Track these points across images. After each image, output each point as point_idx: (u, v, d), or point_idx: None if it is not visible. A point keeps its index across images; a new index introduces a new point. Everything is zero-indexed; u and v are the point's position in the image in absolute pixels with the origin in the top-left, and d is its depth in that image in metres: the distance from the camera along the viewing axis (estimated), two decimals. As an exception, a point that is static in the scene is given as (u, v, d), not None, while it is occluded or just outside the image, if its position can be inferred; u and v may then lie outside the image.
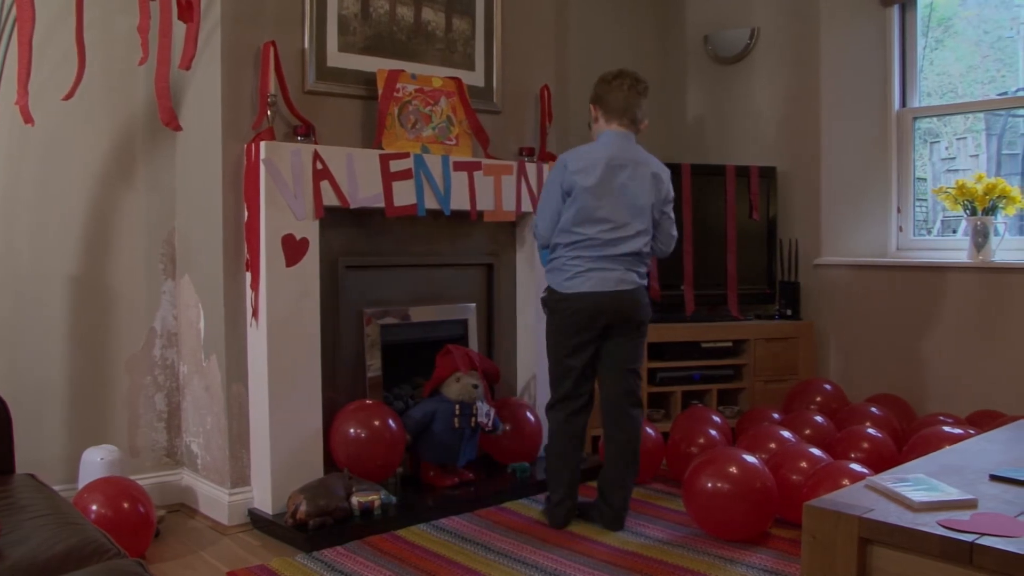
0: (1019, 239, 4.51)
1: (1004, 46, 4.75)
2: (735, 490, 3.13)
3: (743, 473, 3.16)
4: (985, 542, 1.76)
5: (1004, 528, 1.84)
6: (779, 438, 3.62)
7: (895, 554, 1.89)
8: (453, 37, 4.04)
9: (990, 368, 4.34)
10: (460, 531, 3.33)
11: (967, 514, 1.93)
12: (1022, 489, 2.14)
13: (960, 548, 1.78)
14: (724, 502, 3.14)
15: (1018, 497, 2.07)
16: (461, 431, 3.61)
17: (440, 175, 3.77)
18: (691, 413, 4.19)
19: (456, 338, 4.00)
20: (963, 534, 1.80)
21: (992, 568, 1.73)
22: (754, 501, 3.13)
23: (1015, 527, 1.85)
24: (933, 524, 1.87)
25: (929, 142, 5.02)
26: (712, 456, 3.28)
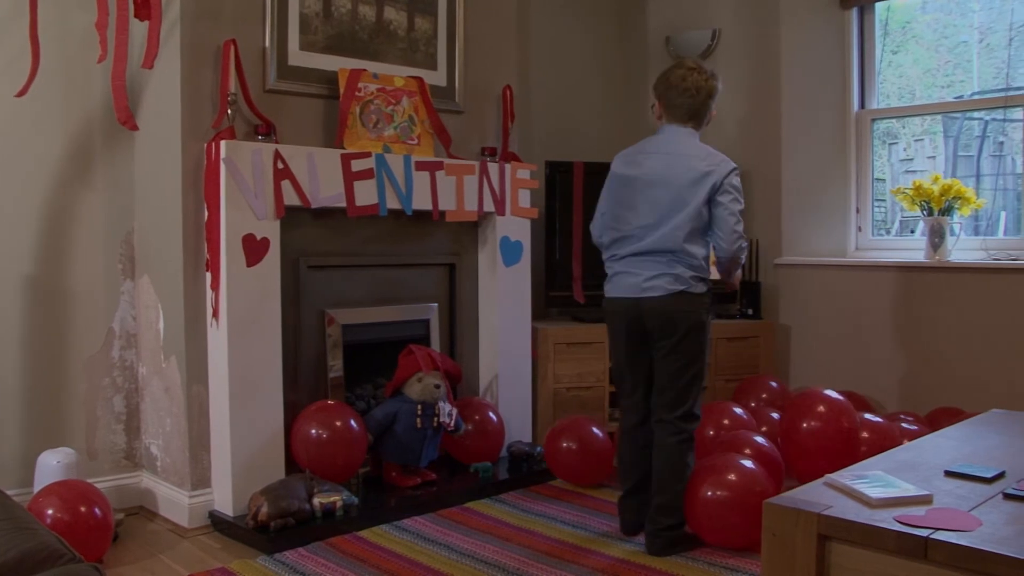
0: (974, 239, 4.58)
1: (961, 51, 4.83)
2: (735, 498, 3.06)
3: (743, 480, 3.09)
4: (939, 537, 1.79)
5: (958, 523, 1.87)
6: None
7: (853, 550, 1.92)
8: (415, 36, 4.03)
9: (948, 366, 4.41)
10: (422, 531, 3.33)
11: (923, 510, 1.97)
12: (976, 484, 2.18)
13: (915, 543, 1.81)
14: (723, 511, 3.06)
15: (972, 492, 2.11)
16: (423, 431, 3.61)
17: (402, 175, 3.76)
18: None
19: (418, 338, 3.99)
20: (918, 529, 1.83)
21: (946, 562, 1.77)
22: (754, 508, 3.00)
23: (968, 521, 1.88)
24: (890, 520, 1.89)
25: (888, 143, 5.08)
26: (711, 464, 3.20)
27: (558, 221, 4.71)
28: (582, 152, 5.04)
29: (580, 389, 4.46)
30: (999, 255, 4.38)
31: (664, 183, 3.12)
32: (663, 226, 3.09)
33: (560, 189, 4.70)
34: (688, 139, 3.20)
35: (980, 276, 4.33)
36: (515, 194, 4.16)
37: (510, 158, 4.26)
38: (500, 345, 4.18)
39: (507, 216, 4.15)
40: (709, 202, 3.10)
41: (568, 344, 4.42)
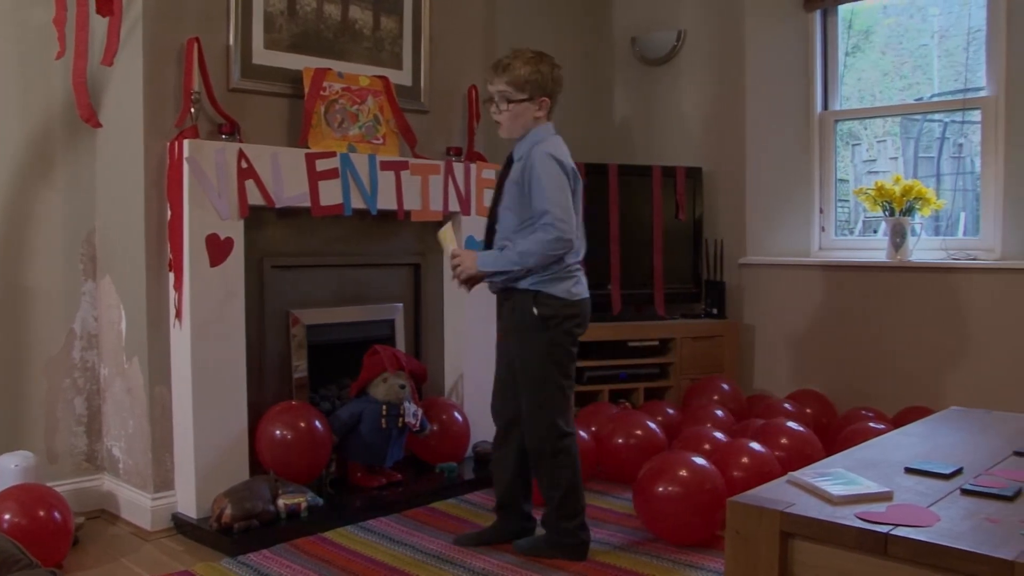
0: (935, 239, 4.65)
1: (921, 54, 4.89)
2: (686, 493, 3.09)
3: (694, 476, 3.13)
4: (899, 532, 1.82)
5: (917, 519, 1.90)
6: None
7: (815, 547, 1.94)
8: (381, 36, 4.02)
9: (910, 364, 4.47)
10: (388, 532, 3.32)
11: (883, 506, 1.99)
12: (935, 481, 2.22)
13: (876, 539, 1.83)
14: (676, 507, 3.10)
15: (931, 488, 2.15)
16: (388, 432, 3.60)
17: (367, 174, 3.74)
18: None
19: (383, 338, 3.97)
20: (878, 526, 1.86)
21: (905, 557, 1.79)
22: (706, 504, 3.10)
23: (927, 517, 1.91)
24: (851, 517, 1.92)
25: (851, 144, 5.14)
26: (663, 461, 3.24)
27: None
28: (548, 152, 5.03)
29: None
30: (958, 255, 4.45)
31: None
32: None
33: (526, 189, 4.69)
34: None
35: (940, 275, 4.40)
36: (480, 194, 4.15)
37: (475, 158, 4.26)
38: (465, 345, 4.18)
39: (472, 216, 4.14)
40: None
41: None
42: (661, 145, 5.39)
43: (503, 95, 3.02)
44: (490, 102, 3.08)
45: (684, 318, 5.04)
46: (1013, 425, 2.89)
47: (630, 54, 5.51)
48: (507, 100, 3.02)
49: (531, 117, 3.03)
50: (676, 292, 5.06)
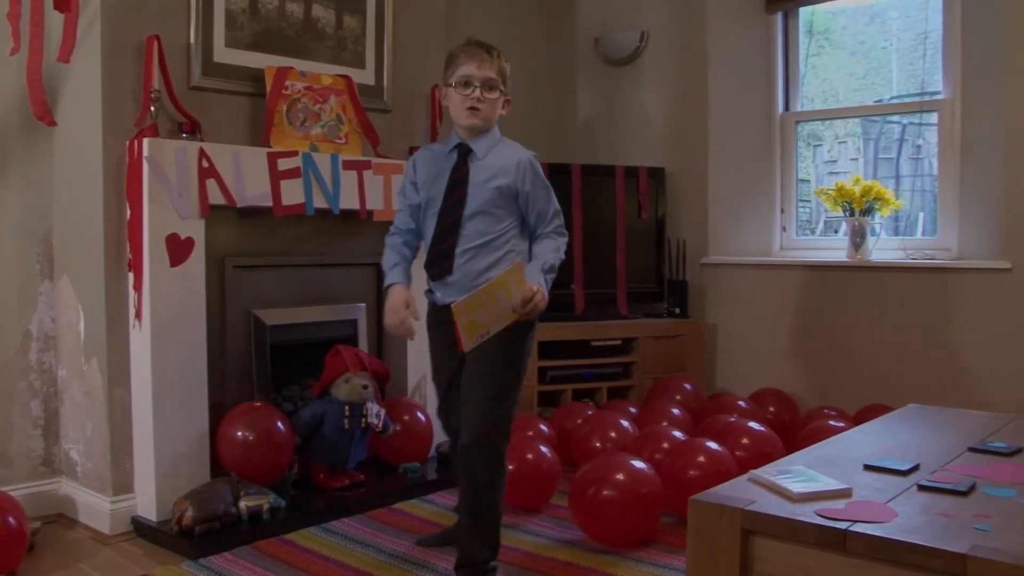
0: (894, 239, 4.71)
1: (880, 56, 4.96)
2: (623, 498, 3.10)
3: (631, 480, 3.14)
4: (857, 528, 1.84)
5: (875, 515, 1.93)
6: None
7: (776, 544, 1.96)
8: (343, 34, 4.00)
9: (871, 363, 4.53)
10: (351, 533, 3.30)
11: (842, 503, 2.01)
12: (892, 477, 2.25)
13: (835, 536, 1.85)
14: (613, 511, 3.10)
15: (888, 484, 2.17)
16: (351, 432, 3.58)
17: (329, 174, 3.73)
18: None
19: (345, 338, 3.96)
20: (837, 522, 1.88)
21: (863, 553, 1.82)
22: (643, 507, 3.12)
23: (884, 513, 1.94)
24: (810, 514, 1.94)
25: (813, 145, 5.20)
26: (600, 464, 3.24)
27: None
28: (511, 152, 5.04)
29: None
30: (917, 255, 4.51)
31: None
32: None
33: (489, 189, 4.70)
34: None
35: (899, 275, 4.46)
36: (444, 194, 4.15)
37: (439, 158, 4.25)
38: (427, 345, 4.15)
39: (436, 216, 4.13)
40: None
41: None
42: (624, 145, 5.42)
43: (490, 83, 2.79)
44: (467, 87, 2.77)
45: (647, 317, 5.06)
46: (968, 422, 2.94)
47: (593, 54, 5.53)
48: (492, 88, 2.80)
49: (497, 113, 2.88)
50: (639, 292, 5.08)
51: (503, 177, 2.82)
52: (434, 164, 2.91)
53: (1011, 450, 2.52)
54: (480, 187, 2.81)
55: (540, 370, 4.58)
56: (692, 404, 4.43)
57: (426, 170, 2.92)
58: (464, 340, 2.62)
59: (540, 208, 2.86)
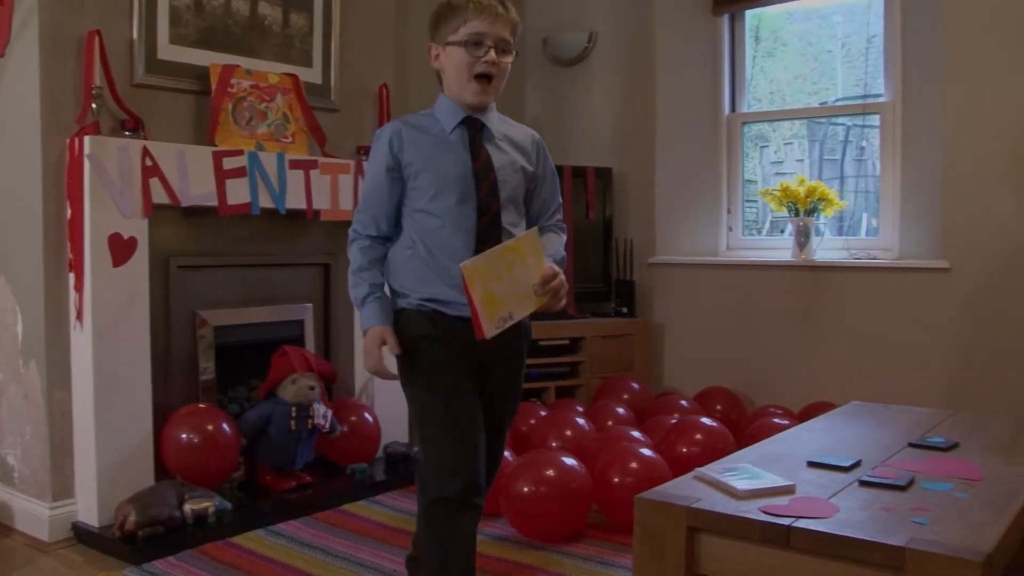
0: (839, 239, 4.79)
1: (826, 59, 5.04)
2: (552, 494, 3.14)
3: (560, 476, 3.18)
4: (800, 524, 1.87)
5: (818, 510, 1.95)
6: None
7: (721, 541, 1.98)
8: (290, 32, 3.97)
9: (816, 361, 4.59)
10: (298, 535, 3.28)
11: (786, 499, 2.04)
12: (835, 473, 2.28)
13: (778, 532, 1.88)
14: (542, 507, 3.15)
15: (831, 481, 2.21)
16: (298, 433, 3.56)
17: (275, 173, 3.69)
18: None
19: (292, 339, 3.93)
20: (781, 518, 1.90)
21: (807, 548, 1.84)
22: (572, 502, 3.17)
23: (827, 509, 1.97)
24: (755, 511, 1.96)
25: (760, 146, 5.26)
26: (528, 461, 3.28)
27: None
28: (460, 152, 5.03)
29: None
30: (859, 254, 4.59)
31: None
32: None
33: (437, 189, 4.69)
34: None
35: (842, 274, 4.53)
36: (392, 194, 4.13)
37: (387, 157, 4.23)
38: (377, 345, 4.14)
39: (384, 216, 4.11)
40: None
41: (445, 344, 4.40)
42: (572, 145, 5.43)
43: (504, 45, 2.32)
44: (479, 47, 2.28)
45: (594, 317, 5.08)
46: (909, 418, 2.99)
47: (542, 54, 5.54)
48: (506, 52, 2.33)
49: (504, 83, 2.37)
50: (586, 291, 5.10)
51: (523, 157, 2.41)
52: (428, 145, 2.32)
53: (948, 445, 2.57)
54: (506, 171, 2.34)
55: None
56: (639, 403, 4.46)
57: (418, 153, 2.31)
58: (483, 321, 2.10)
59: (547, 196, 2.48)
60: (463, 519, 2.25)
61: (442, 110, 2.36)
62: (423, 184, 2.28)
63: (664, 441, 3.69)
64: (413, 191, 2.30)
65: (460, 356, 2.30)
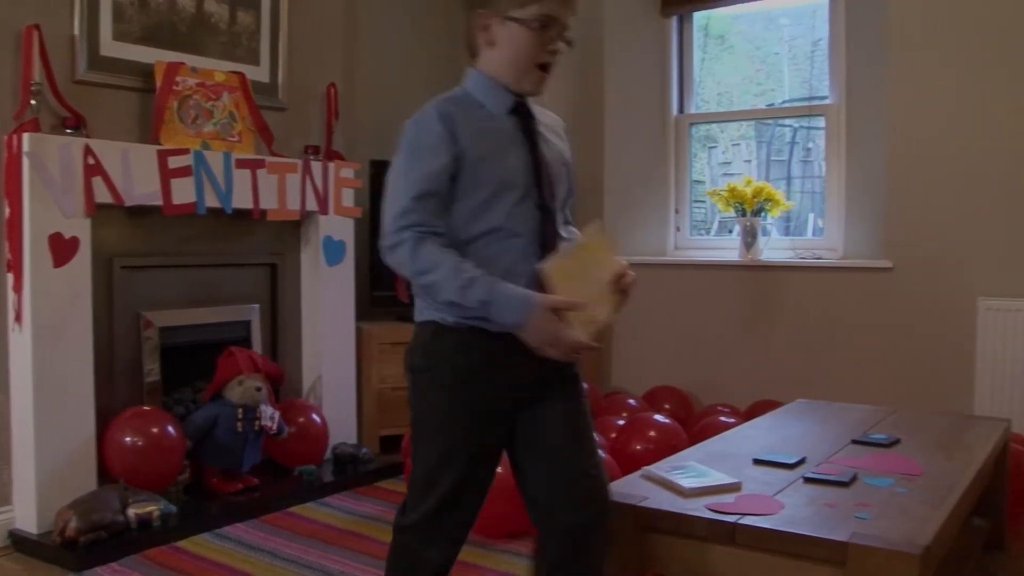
0: (785, 239, 4.85)
1: (773, 61, 5.10)
2: (496, 488, 3.15)
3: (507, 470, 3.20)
4: (746, 521, 1.89)
5: (763, 507, 1.98)
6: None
7: (668, 539, 2.00)
8: (237, 30, 3.93)
9: (762, 360, 4.64)
10: (244, 538, 3.24)
11: (732, 497, 2.06)
12: (780, 470, 2.31)
13: (724, 529, 1.90)
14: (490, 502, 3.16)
15: (776, 478, 2.23)
16: (244, 435, 3.52)
17: (221, 172, 3.65)
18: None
19: (239, 340, 3.88)
20: (727, 516, 1.92)
21: (752, 545, 1.87)
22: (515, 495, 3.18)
23: (772, 505, 1.99)
24: (701, 508, 1.98)
25: (708, 147, 5.31)
26: None
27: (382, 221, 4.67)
28: (409, 152, 5.01)
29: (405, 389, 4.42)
30: (805, 254, 4.65)
31: None
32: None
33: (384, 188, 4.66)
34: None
35: (788, 274, 4.58)
36: (338, 193, 4.11)
37: (334, 157, 4.21)
38: (323, 346, 4.12)
39: (330, 215, 4.09)
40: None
41: (392, 344, 4.39)
42: (522, 146, 5.43)
43: (567, 32, 2.05)
44: (547, 29, 1.99)
45: (545, 317, 5.08)
46: (853, 415, 3.04)
47: (491, 56, 5.53)
48: (567, 41, 2.06)
49: None
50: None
51: (565, 149, 2.15)
52: (483, 130, 1.94)
53: (890, 441, 2.62)
54: (558, 165, 2.06)
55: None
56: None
57: (476, 140, 1.91)
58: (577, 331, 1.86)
59: (572, 186, 2.19)
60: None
61: (486, 91, 1.99)
62: (482, 177, 1.89)
63: (617, 439, 3.71)
64: (467, 184, 1.89)
65: (496, 395, 1.94)
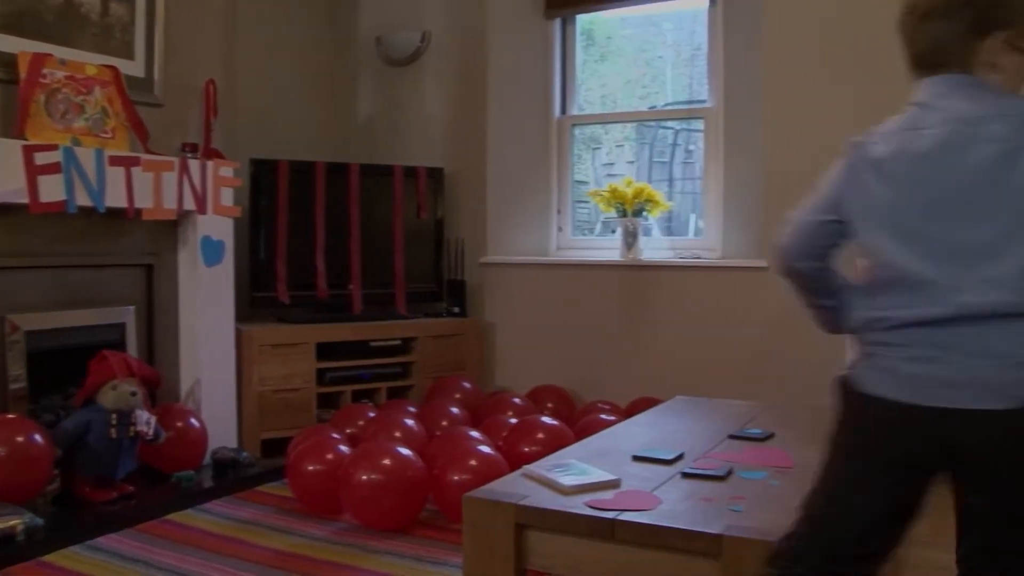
0: (666, 239, 4.96)
1: (657, 64, 5.20)
2: (388, 481, 3.23)
3: (396, 464, 3.27)
4: (625, 517, 1.93)
5: (641, 503, 2.02)
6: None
7: (549, 536, 2.02)
8: (110, 22, 3.79)
9: (643, 357, 4.73)
10: (119, 549, 3.13)
11: (611, 493, 2.10)
12: (658, 466, 2.36)
13: (603, 525, 1.93)
14: (379, 493, 3.23)
15: (655, 474, 2.28)
16: (119, 442, 3.40)
17: (93, 170, 3.52)
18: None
19: (113, 343, 3.76)
20: (606, 512, 1.96)
21: (631, 540, 1.91)
22: (407, 490, 3.26)
23: (650, 501, 2.03)
24: (581, 505, 2.01)
25: (592, 148, 5.38)
26: (365, 450, 3.36)
27: (262, 220, 4.60)
28: (288, 151, 4.94)
29: (287, 391, 4.38)
30: (685, 254, 4.76)
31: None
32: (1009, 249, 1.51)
33: (265, 188, 4.60)
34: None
35: (668, 273, 4.68)
36: (217, 192, 4.01)
37: (212, 155, 4.10)
38: (202, 348, 4.02)
39: (209, 215, 4.00)
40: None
41: (273, 346, 4.32)
42: (404, 145, 5.41)
43: None
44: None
45: (426, 317, 5.08)
46: (729, 411, 3.13)
47: (375, 53, 5.49)
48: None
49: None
50: (418, 291, 5.09)
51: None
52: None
53: (765, 435, 2.70)
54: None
55: (319, 372, 4.51)
56: (472, 402, 4.48)
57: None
58: None
59: None
60: None
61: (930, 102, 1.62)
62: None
63: (507, 440, 3.73)
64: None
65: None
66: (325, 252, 4.75)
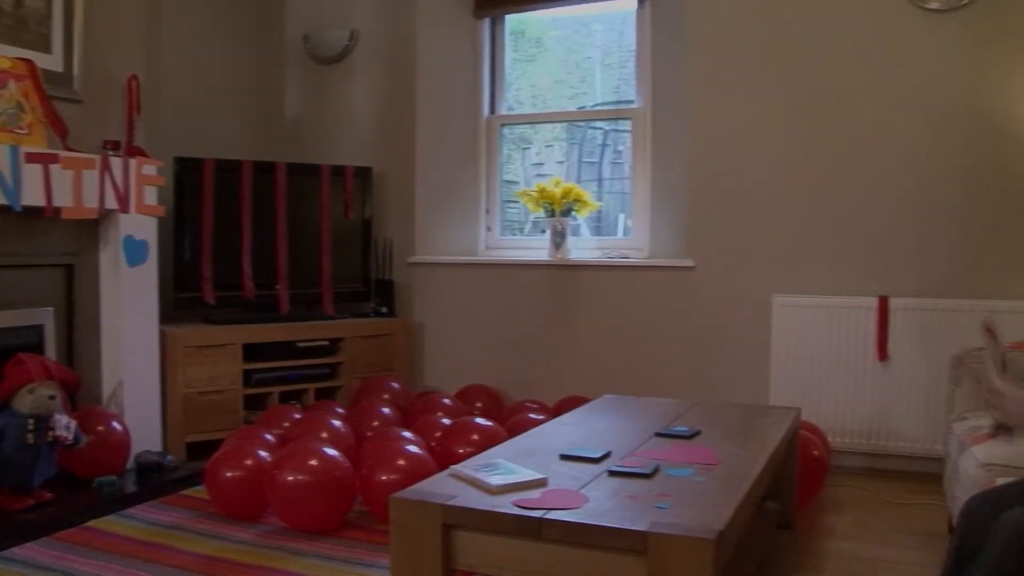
0: (595, 239, 4.99)
1: (586, 65, 5.23)
2: (315, 482, 3.22)
3: (323, 465, 3.26)
4: (552, 516, 1.93)
5: (568, 501, 2.03)
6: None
7: (476, 536, 2.02)
8: (24, 14, 3.69)
9: (570, 357, 4.76)
10: (36, 559, 3.04)
11: (538, 492, 2.11)
12: (586, 465, 2.38)
13: (530, 524, 1.93)
14: (305, 495, 3.22)
15: (582, 472, 2.30)
16: (36, 447, 3.31)
17: (8, 167, 3.42)
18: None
19: (30, 346, 3.66)
20: (533, 511, 1.96)
21: (558, 539, 1.91)
22: (333, 491, 3.25)
23: (577, 499, 2.04)
24: (508, 505, 2.01)
25: (522, 148, 5.39)
26: (292, 451, 3.34)
27: (187, 220, 4.53)
28: (214, 149, 4.87)
29: (213, 393, 4.32)
30: (613, 254, 4.80)
31: None
32: None
33: (190, 186, 4.52)
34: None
35: (596, 273, 4.72)
36: (140, 191, 3.93)
37: (135, 152, 4.02)
38: (125, 350, 3.94)
39: (131, 214, 3.91)
40: None
41: (199, 347, 4.26)
42: (332, 144, 5.37)
43: None
44: None
45: (353, 317, 5.05)
46: (657, 409, 3.16)
47: (302, 51, 5.44)
48: None
49: None
50: (345, 291, 5.06)
51: None
52: None
53: (691, 433, 2.74)
54: None
55: (245, 373, 4.45)
56: (400, 402, 4.47)
57: None
58: None
59: None
60: None
61: None
62: None
63: (440, 441, 3.72)
64: None
65: None
66: (251, 252, 4.69)
